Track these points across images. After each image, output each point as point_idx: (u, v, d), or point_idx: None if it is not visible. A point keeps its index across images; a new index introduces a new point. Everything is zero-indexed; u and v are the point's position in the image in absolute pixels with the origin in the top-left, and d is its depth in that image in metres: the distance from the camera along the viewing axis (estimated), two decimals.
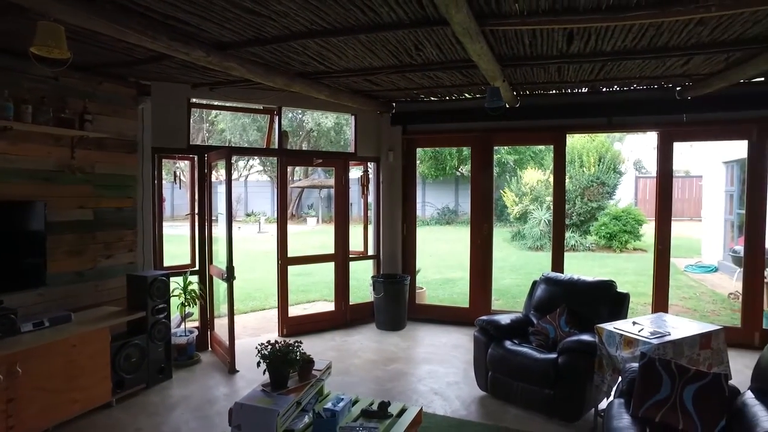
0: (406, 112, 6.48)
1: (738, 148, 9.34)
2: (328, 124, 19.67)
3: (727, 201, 10.54)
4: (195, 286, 5.11)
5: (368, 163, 6.72)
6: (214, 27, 3.21)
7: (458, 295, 8.34)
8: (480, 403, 4.08)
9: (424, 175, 19.78)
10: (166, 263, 5.18)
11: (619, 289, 4.19)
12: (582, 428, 3.60)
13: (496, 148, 17.14)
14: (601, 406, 3.63)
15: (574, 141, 15.36)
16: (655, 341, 3.16)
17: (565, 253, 6.08)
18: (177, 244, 7.71)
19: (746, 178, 5.52)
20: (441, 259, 12.04)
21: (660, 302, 5.70)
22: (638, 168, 22.91)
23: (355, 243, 6.62)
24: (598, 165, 13.96)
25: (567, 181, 14.31)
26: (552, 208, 6.11)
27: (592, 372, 3.52)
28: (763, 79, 5.11)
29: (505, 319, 4.27)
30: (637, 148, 22.98)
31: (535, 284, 4.61)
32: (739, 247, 8.49)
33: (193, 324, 5.39)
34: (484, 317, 4.30)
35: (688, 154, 14.64)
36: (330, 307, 6.56)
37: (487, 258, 6.24)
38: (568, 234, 13.47)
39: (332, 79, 4.81)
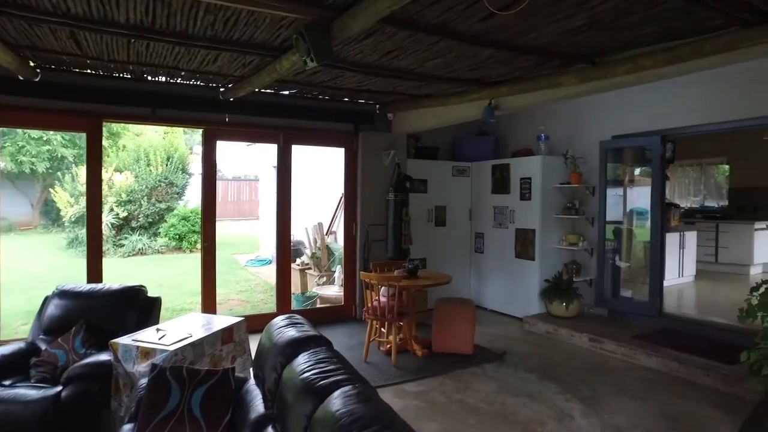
0: None
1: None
2: None
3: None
4: None
5: None
6: None
7: None
8: None
9: None
10: None
11: (154, 294, 3.83)
12: None
13: (43, 137, 14.34)
14: None
15: (141, 139, 14.45)
16: (173, 347, 2.89)
17: (133, 258, 5.40)
18: None
19: (276, 179, 6.18)
20: None
21: (209, 300, 5.69)
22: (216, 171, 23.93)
23: None
24: (167, 164, 13.54)
25: (133, 180, 13.40)
26: (86, 202, 5.21)
27: (110, 398, 2.99)
28: (288, 92, 5.80)
29: None
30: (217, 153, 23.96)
31: (46, 301, 3.70)
32: None
33: None
34: None
35: (248, 159, 16.02)
36: None
37: None
38: (135, 237, 12.51)
39: None
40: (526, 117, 6.99)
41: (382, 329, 5.31)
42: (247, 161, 18.00)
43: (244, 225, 18.57)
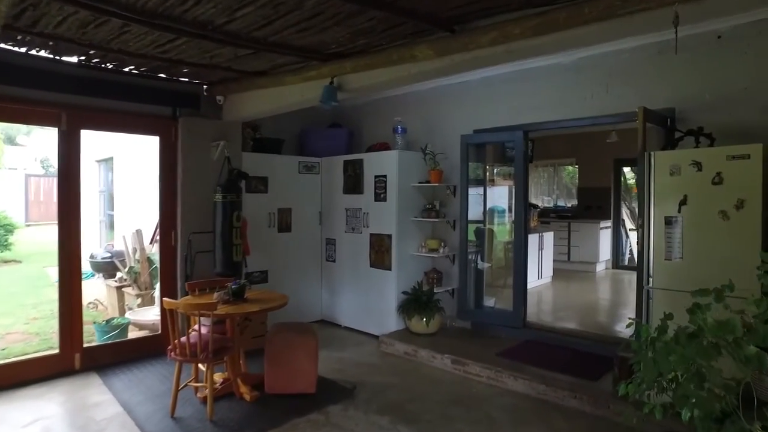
0: None
1: (108, 146, 8.84)
2: None
3: (102, 201, 10.02)
4: None
5: None
6: None
7: None
8: None
9: None
10: None
11: None
12: None
13: None
14: None
15: None
16: None
17: None
18: None
19: (58, 170, 4.63)
20: None
21: None
22: (46, 167, 20.03)
23: None
24: None
25: None
26: None
27: None
28: (77, 59, 4.31)
29: None
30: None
31: None
32: (99, 252, 7.90)
33: None
34: None
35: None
36: None
37: None
38: None
39: None
40: (383, 107, 6.24)
41: (202, 367, 4.12)
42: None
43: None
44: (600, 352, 4.52)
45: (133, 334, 5.53)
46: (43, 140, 20.76)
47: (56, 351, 4.56)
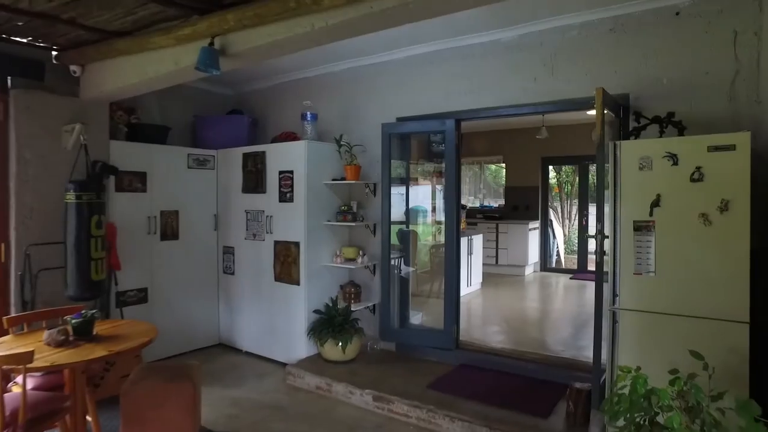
0: None
1: None
2: None
3: None
4: None
5: None
6: None
7: None
8: None
9: None
10: None
11: None
12: None
13: None
14: None
15: None
16: None
17: None
18: None
19: None
20: None
21: None
22: None
23: None
24: None
25: None
26: None
27: None
28: None
29: None
30: None
31: None
32: None
33: None
34: None
35: None
36: None
37: None
38: None
39: None
40: (292, 91, 5.33)
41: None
42: None
43: None
44: (545, 376, 3.91)
45: None
46: None
47: None
